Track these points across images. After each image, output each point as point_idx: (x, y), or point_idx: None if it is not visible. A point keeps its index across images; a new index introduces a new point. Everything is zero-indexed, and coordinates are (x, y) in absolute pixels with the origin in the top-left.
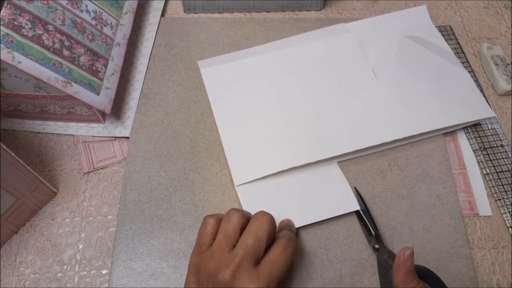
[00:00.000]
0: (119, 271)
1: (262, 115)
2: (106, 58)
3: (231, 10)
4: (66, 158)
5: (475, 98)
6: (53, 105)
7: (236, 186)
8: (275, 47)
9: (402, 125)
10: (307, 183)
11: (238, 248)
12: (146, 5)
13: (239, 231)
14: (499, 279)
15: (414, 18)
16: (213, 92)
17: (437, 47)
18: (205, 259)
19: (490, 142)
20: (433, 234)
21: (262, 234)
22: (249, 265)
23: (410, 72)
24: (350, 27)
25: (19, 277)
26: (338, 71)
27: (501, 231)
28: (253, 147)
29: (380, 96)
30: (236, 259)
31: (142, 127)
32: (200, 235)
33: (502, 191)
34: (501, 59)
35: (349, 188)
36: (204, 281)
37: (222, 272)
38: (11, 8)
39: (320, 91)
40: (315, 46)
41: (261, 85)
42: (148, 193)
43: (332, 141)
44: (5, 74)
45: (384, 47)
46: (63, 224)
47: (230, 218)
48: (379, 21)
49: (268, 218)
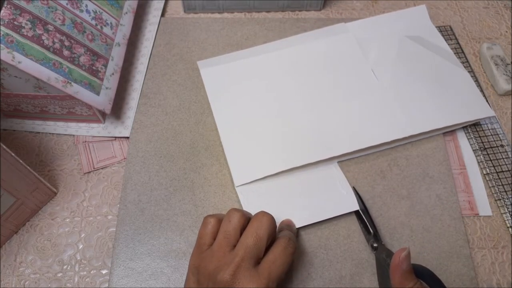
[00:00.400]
0: (119, 271)
1: (262, 115)
2: (106, 58)
3: (231, 10)
4: (66, 158)
5: (475, 97)
6: (53, 105)
7: (236, 187)
8: (275, 47)
9: (401, 125)
10: (307, 183)
11: (239, 248)
12: (146, 5)
13: (239, 231)
14: (499, 279)
15: (413, 18)
16: (213, 93)
17: (437, 47)
18: (205, 259)
19: (490, 142)
20: (433, 234)
21: (263, 234)
22: (250, 265)
23: (410, 72)
24: (349, 27)
25: (19, 277)
26: (337, 71)
27: (501, 231)
28: (253, 148)
29: (379, 96)
30: (236, 259)
31: (142, 127)
32: (200, 235)
33: (502, 191)
34: (501, 59)
35: (349, 188)
36: (204, 281)
37: (222, 272)
38: (11, 8)
39: (320, 91)
40: (315, 46)
41: (261, 85)
42: (148, 193)
43: (332, 141)
44: (5, 74)
45: (384, 47)
46: (63, 224)
47: (230, 218)
48: (378, 21)
49: (268, 218)
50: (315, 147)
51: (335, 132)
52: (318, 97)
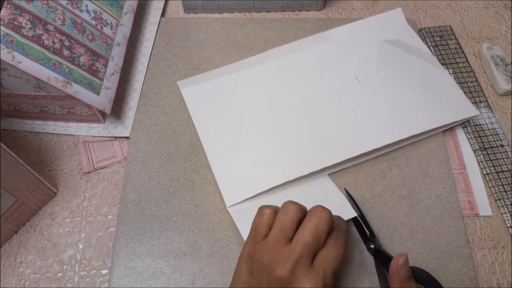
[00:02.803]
0: (119, 271)
1: (249, 131)
2: (106, 58)
3: (231, 10)
4: (66, 158)
5: (459, 97)
6: (53, 105)
7: (228, 207)
8: (256, 62)
9: (390, 129)
10: (301, 196)
11: (296, 244)
12: (146, 5)
13: (296, 224)
14: (499, 279)
15: (390, 21)
16: (196, 112)
17: (416, 49)
18: (259, 250)
19: (490, 142)
20: (433, 234)
21: (322, 231)
22: (307, 261)
23: (391, 76)
24: (330, 35)
25: (19, 277)
26: (321, 81)
27: (501, 231)
28: (243, 166)
29: (364, 102)
30: (294, 255)
31: (142, 127)
32: (255, 224)
33: (502, 191)
34: (501, 59)
35: (343, 197)
36: (258, 272)
37: (279, 267)
38: (11, 8)
39: (305, 103)
40: (296, 57)
41: (244, 101)
42: (148, 193)
43: (321, 152)
44: (5, 74)
45: (365, 53)
46: (63, 224)
47: (287, 211)
48: (357, 27)
49: (327, 214)
50: (306, 160)
51: (323, 142)
52: (304, 108)
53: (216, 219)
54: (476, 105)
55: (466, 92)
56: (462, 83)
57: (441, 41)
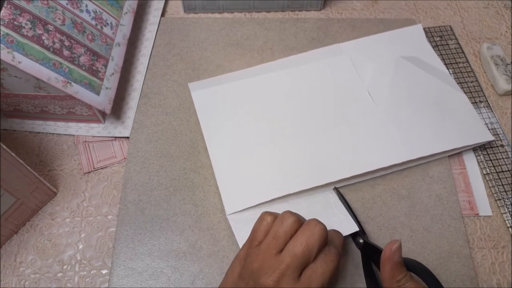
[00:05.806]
0: (119, 271)
1: (256, 140)
2: (106, 58)
3: (231, 10)
4: (66, 158)
5: (474, 121)
6: (53, 105)
7: (228, 215)
8: (268, 69)
9: (399, 149)
10: (303, 208)
11: (286, 255)
12: (146, 5)
13: (290, 235)
14: (499, 279)
15: (409, 37)
16: (204, 116)
17: (434, 68)
18: (251, 254)
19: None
20: (433, 234)
21: (313, 245)
22: (295, 274)
23: (407, 95)
24: (344, 48)
25: (19, 277)
26: (333, 95)
27: (501, 231)
28: (246, 174)
29: (376, 120)
30: (282, 266)
31: (142, 127)
32: (254, 229)
33: (502, 191)
34: (501, 59)
35: (345, 212)
36: (246, 276)
37: (266, 276)
38: (11, 8)
39: (315, 115)
40: (309, 68)
41: (254, 109)
42: (148, 193)
43: (327, 166)
44: (5, 74)
45: (380, 69)
46: (63, 224)
47: (283, 220)
48: (373, 41)
49: (320, 228)
50: (310, 173)
51: (330, 157)
52: (313, 121)
53: (216, 219)
54: (476, 105)
55: (466, 92)
56: (462, 83)
57: (441, 41)
